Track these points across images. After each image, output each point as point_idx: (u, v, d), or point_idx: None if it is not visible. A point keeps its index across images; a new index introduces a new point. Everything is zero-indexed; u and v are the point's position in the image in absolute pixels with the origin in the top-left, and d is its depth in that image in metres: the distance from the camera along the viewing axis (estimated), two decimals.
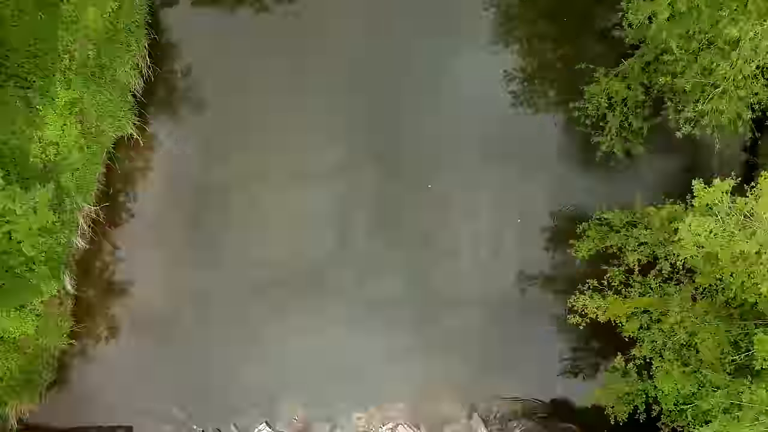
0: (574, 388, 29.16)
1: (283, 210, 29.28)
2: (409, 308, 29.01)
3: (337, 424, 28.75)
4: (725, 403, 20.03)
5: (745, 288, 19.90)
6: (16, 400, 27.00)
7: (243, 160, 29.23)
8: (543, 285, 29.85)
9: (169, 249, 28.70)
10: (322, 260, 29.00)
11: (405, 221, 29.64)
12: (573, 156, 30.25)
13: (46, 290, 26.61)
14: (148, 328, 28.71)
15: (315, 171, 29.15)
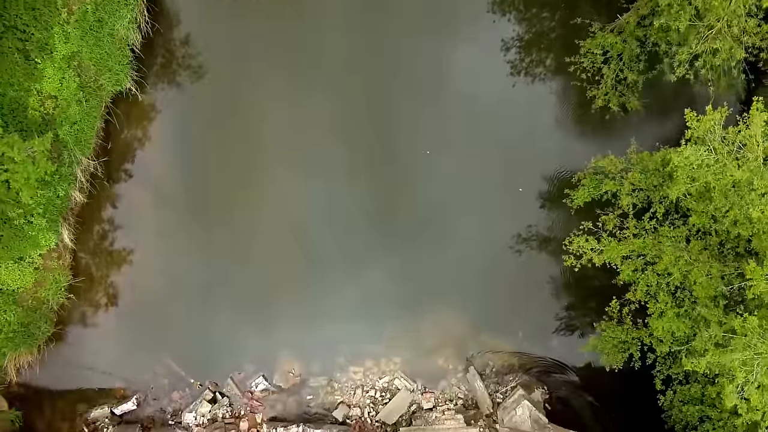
0: (570, 343, 29.12)
1: (283, 169, 29.22)
2: (406, 265, 29.02)
3: (333, 378, 28.74)
4: (718, 336, 20.08)
5: (738, 222, 19.96)
6: (15, 351, 26.97)
7: (243, 117, 29.20)
8: (540, 246, 29.90)
9: (168, 205, 28.75)
10: (321, 216, 29.01)
11: (402, 187, 29.53)
12: (570, 120, 30.23)
13: (44, 243, 26.80)
14: (147, 284, 28.84)
15: (313, 131, 29.17)
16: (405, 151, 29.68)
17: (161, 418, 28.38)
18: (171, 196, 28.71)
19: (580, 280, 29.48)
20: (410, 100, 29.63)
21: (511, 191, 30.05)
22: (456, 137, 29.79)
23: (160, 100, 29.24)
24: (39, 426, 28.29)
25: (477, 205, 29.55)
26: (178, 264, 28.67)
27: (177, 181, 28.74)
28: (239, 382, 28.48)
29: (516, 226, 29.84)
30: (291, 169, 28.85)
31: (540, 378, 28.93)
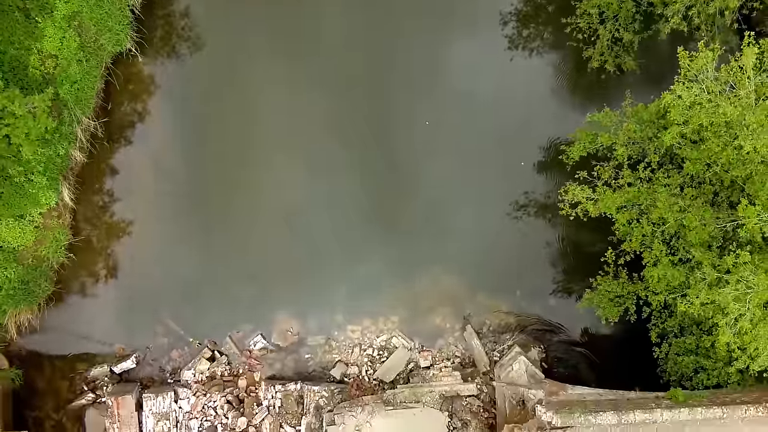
0: (567, 302, 29.32)
1: (283, 135, 29.43)
2: (405, 227, 29.22)
3: (331, 337, 28.92)
4: (711, 277, 20.26)
5: (732, 165, 20.15)
6: (16, 309, 27.17)
7: (241, 86, 29.39)
8: (537, 211, 30.08)
9: (167, 166, 28.97)
10: (320, 178, 29.19)
11: (402, 154, 29.76)
12: (566, 88, 30.45)
13: (44, 201, 27.04)
14: (146, 244, 29.04)
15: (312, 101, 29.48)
16: (405, 123, 29.77)
17: (160, 377, 28.55)
18: (170, 156, 28.98)
19: (577, 244, 29.74)
20: (410, 75, 29.93)
21: (509, 158, 30.18)
22: (454, 109, 29.91)
23: (160, 61, 29.55)
24: (39, 384, 28.53)
25: (475, 172, 29.72)
26: (178, 224, 28.94)
27: (176, 142, 29.04)
28: (238, 340, 28.67)
29: (514, 191, 30.01)
30: (290, 131, 29.07)
31: (537, 337, 29.11)
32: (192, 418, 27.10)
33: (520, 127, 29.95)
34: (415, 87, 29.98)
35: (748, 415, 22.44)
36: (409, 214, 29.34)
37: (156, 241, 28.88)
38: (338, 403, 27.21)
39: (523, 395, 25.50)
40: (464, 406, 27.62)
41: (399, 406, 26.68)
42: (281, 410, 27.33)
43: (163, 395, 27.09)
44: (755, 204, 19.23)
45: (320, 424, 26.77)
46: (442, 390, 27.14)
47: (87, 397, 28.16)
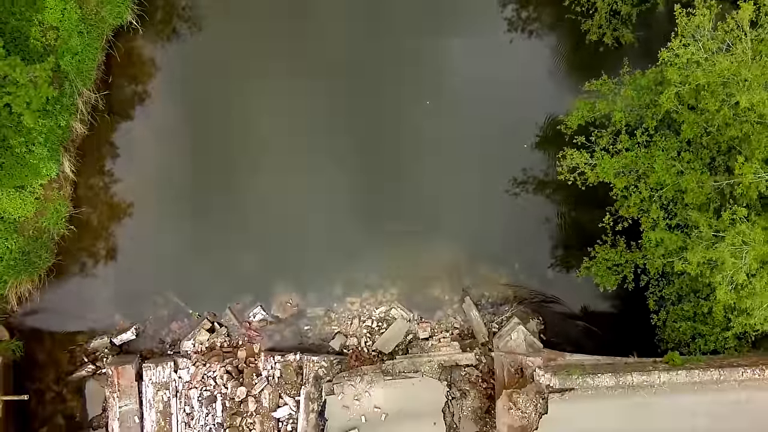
0: (565, 274, 29.43)
1: (286, 110, 29.54)
2: (405, 199, 29.34)
3: (330, 309, 29.02)
4: (709, 236, 20.40)
5: (728, 124, 20.30)
6: (16, 279, 27.28)
7: (244, 55, 29.46)
8: (536, 188, 30.21)
9: (167, 138, 29.11)
10: (321, 149, 29.29)
11: (403, 130, 29.94)
12: (564, 67, 30.63)
13: (45, 172, 27.20)
14: (146, 217, 29.15)
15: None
16: (407, 103, 30.00)
17: (160, 349, 28.64)
18: (170, 128, 29.14)
19: (575, 219, 30.00)
20: (412, 52, 29.89)
21: (509, 136, 30.31)
22: (455, 90, 30.01)
23: (161, 35, 29.66)
24: (39, 356, 28.62)
25: (476, 149, 29.83)
26: (178, 198, 29.04)
27: (177, 115, 29.11)
28: (237, 312, 28.78)
29: (513, 168, 30.13)
30: (291, 106, 29.19)
31: (536, 309, 29.27)
32: (191, 387, 27.20)
33: (520, 105, 30.08)
34: (418, 68, 29.99)
35: (745, 377, 22.57)
36: (410, 189, 29.46)
37: (156, 214, 29.02)
38: (337, 374, 27.31)
39: (522, 363, 25.62)
40: (463, 376, 27.72)
41: (398, 376, 26.79)
42: (280, 381, 27.42)
43: (163, 365, 27.18)
44: (751, 161, 19.34)
45: (319, 394, 26.86)
46: (440, 360, 27.26)
47: (87, 368, 28.23)
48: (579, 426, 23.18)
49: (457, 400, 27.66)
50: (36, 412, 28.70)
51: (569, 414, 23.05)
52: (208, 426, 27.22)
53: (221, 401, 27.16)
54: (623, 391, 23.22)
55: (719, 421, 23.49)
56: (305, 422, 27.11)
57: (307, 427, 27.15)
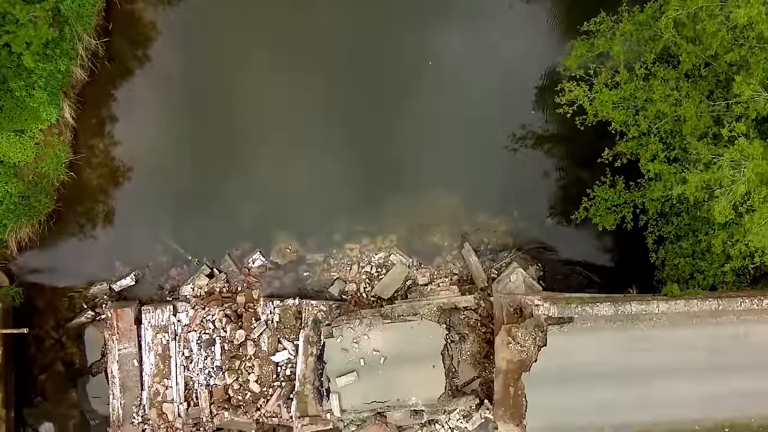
0: (564, 223, 29.48)
1: (288, 61, 29.50)
2: (405, 146, 29.37)
3: (329, 255, 29.05)
4: (707, 158, 20.44)
5: (726, 45, 20.33)
6: (16, 223, 27.32)
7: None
8: (535, 143, 30.24)
9: (167, 85, 29.13)
10: (324, 100, 29.37)
11: (405, 85, 29.97)
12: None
13: (45, 116, 27.30)
14: (146, 164, 29.15)
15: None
16: (410, 63, 29.95)
17: (159, 295, 28.66)
18: (171, 77, 29.10)
19: (574, 173, 29.92)
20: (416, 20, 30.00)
21: (508, 91, 30.35)
22: (456, 49, 30.03)
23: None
24: (39, 303, 28.67)
25: (477, 103, 29.80)
26: (178, 143, 29.03)
27: (177, 62, 29.09)
28: (236, 258, 28.80)
29: (513, 123, 30.13)
30: (294, 58, 29.15)
31: (535, 256, 29.30)
32: (190, 330, 27.20)
33: (520, 62, 30.03)
34: (421, 32, 29.94)
35: (743, 307, 22.55)
36: (411, 139, 29.45)
37: (156, 161, 29.02)
38: (336, 317, 27.31)
39: (521, 302, 25.60)
40: (462, 320, 27.71)
41: (397, 319, 26.78)
42: (279, 325, 27.42)
43: (162, 309, 27.21)
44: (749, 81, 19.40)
45: (318, 338, 26.86)
46: (439, 303, 27.24)
47: (86, 315, 28.28)
48: (578, 359, 23.15)
49: (456, 343, 27.65)
50: (35, 359, 28.72)
51: (568, 347, 23.04)
52: (206, 369, 27.21)
53: (220, 344, 27.15)
54: (622, 323, 23.19)
55: (718, 354, 23.47)
56: (304, 365, 27.10)
57: (305, 370, 27.13)
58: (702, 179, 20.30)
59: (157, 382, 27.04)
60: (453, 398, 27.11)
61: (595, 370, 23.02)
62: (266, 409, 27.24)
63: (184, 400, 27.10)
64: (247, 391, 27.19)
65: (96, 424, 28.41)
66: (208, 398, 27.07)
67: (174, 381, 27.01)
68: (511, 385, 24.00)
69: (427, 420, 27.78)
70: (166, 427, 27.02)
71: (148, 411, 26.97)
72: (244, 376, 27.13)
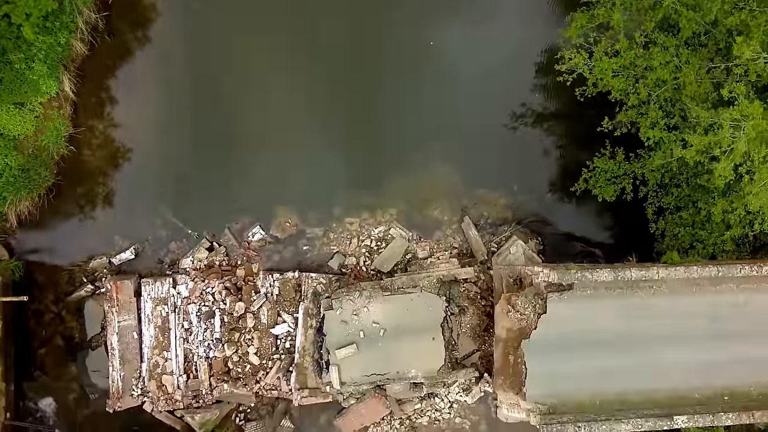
0: (564, 197, 29.50)
1: (291, 33, 29.55)
2: (405, 120, 29.37)
3: (329, 229, 29.05)
4: (707, 122, 20.44)
5: (725, 9, 20.33)
6: (16, 196, 27.31)
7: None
8: (536, 118, 30.24)
9: (167, 60, 29.11)
10: (324, 75, 29.32)
11: (407, 62, 29.93)
12: None
13: (45, 89, 27.30)
14: (146, 138, 29.11)
15: None
16: (411, 42, 29.99)
17: (159, 269, 28.64)
18: (171, 50, 29.08)
19: (573, 150, 29.88)
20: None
21: (509, 67, 30.34)
22: (458, 32, 30.03)
23: None
24: (38, 277, 28.64)
25: (477, 79, 29.86)
26: (178, 117, 28.98)
27: (178, 36, 29.09)
28: (236, 232, 28.80)
29: (512, 102, 30.14)
30: (292, 22, 29.13)
31: (534, 230, 29.30)
32: (190, 303, 27.18)
33: (521, 41, 30.11)
34: (421, 12, 29.99)
35: (743, 273, 22.52)
36: (411, 115, 29.46)
37: (156, 135, 29.00)
38: (336, 290, 27.28)
39: (521, 272, 25.56)
40: (462, 293, 27.71)
41: (397, 291, 26.76)
42: (279, 298, 27.40)
43: (162, 281, 27.19)
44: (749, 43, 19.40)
45: (318, 310, 26.85)
46: (439, 275, 27.21)
47: (86, 288, 28.24)
48: (578, 327, 23.12)
49: (455, 316, 27.64)
50: (35, 333, 28.66)
51: (568, 314, 23.01)
52: (206, 341, 27.19)
53: (220, 316, 27.13)
54: (622, 291, 23.16)
55: (718, 322, 23.46)
56: (303, 338, 27.09)
57: (305, 343, 27.12)
58: (702, 142, 20.28)
59: (156, 354, 27.01)
60: (452, 371, 27.11)
61: (595, 338, 22.98)
62: (265, 382, 27.21)
63: (184, 373, 27.07)
64: (247, 363, 27.16)
65: (96, 397, 28.37)
66: (207, 370, 27.02)
67: (173, 353, 26.98)
68: (510, 354, 23.97)
69: (427, 393, 27.77)
70: (166, 398, 26.99)
71: (148, 383, 26.93)
72: (244, 349, 27.11)
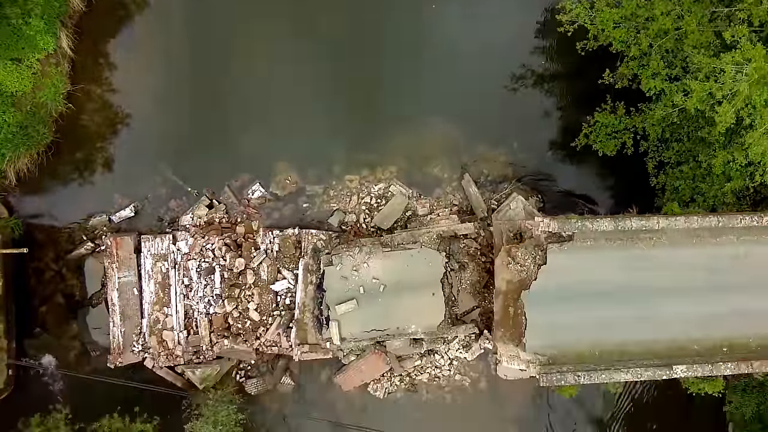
0: (564, 154, 29.42)
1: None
2: (405, 76, 29.17)
3: (329, 186, 29.00)
4: (709, 68, 20.32)
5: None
6: (14, 153, 27.21)
7: None
8: (535, 82, 30.09)
9: (167, 16, 28.86)
10: (322, 34, 29.20)
11: (409, 29, 29.83)
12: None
13: (42, 45, 27.12)
14: (145, 95, 28.94)
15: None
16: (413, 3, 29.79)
17: (158, 226, 28.61)
18: (170, 8, 28.84)
19: (574, 102, 29.74)
20: None
21: (509, 27, 30.11)
22: None
23: None
24: (38, 235, 28.59)
25: (476, 43, 29.65)
26: (177, 74, 28.81)
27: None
28: (236, 190, 28.74)
29: (513, 62, 29.92)
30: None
31: (535, 187, 29.26)
32: (190, 259, 27.17)
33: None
34: None
35: (743, 224, 22.50)
36: (411, 73, 29.32)
37: (155, 92, 28.85)
38: (336, 246, 27.27)
39: (521, 227, 25.55)
40: (462, 249, 27.71)
41: (397, 247, 26.75)
42: (279, 254, 27.40)
43: (161, 237, 27.16)
44: None
45: (318, 266, 26.84)
46: (439, 231, 27.19)
47: (86, 246, 28.21)
48: (578, 277, 23.14)
49: (455, 272, 27.67)
50: (36, 291, 28.69)
51: (568, 265, 23.03)
52: (206, 297, 27.22)
53: (220, 273, 27.14)
54: (622, 242, 23.16)
55: (718, 274, 23.49)
56: (303, 293, 27.12)
57: (305, 299, 27.15)
58: (704, 89, 20.17)
59: (156, 310, 27.06)
60: (452, 326, 27.16)
61: (595, 289, 23.01)
62: (266, 338, 27.28)
63: (184, 329, 27.12)
64: (247, 319, 27.21)
65: (97, 355, 28.39)
66: (207, 326, 27.07)
67: (174, 309, 27.02)
68: (510, 306, 24.03)
69: (427, 349, 27.86)
70: (167, 354, 27.07)
71: (149, 339, 27.00)
72: (244, 305, 27.15)
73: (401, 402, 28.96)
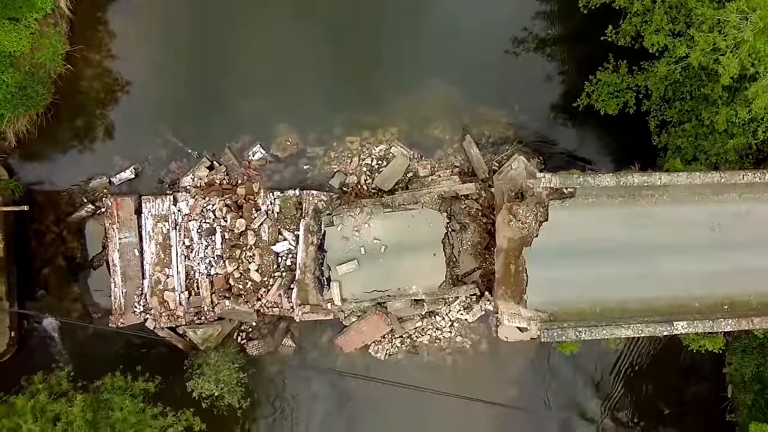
0: (566, 117, 29.29)
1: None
2: (405, 38, 28.97)
3: (330, 148, 28.89)
4: (713, 19, 20.13)
5: None
6: (13, 113, 27.07)
7: None
8: (537, 46, 29.85)
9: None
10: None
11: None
12: None
13: (40, 4, 26.87)
14: (144, 56, 28.75)
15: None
16: None
17: (159, 188, 28.53)
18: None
19: (576, 64, 29.58)
20: None
21: None
22: None
23: None
24: (38, 197, 28.54)
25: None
26: (177, 34, 28.63)
27: None
28: (236, 151, 28.64)
29: (514, 26, 29.69)
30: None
31: (536, 149, 29.15)
32: (191, 220, 27.14)
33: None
34: None
35: (746, 180, 22.42)
36: (412, 33, 29.08)
37: (155, 54, 28.66)
38: (337, 207, 27.22)
39: (522, 186, 25.48)
40: (463, 209, 27.67)
41: (398, 208, 26.71)
42: (280, 215, 27.36)
43: (162, 198, 27.11)
44: None
45: (319, 227, 26.80)
46: (440, 191, 27.13)
47: (87, 208, 28.17)
48: (579, 235, 23.09)
49: (456, 233, 27.64)
50: (37, 253, 28.70)
51: (569, 222, 22.96)
52: (207, 258, 27.22)
53: (220, 233, 27.12)
54: (623, 200, 23.09)
55: (720, 231, 23.41)
56: (304, 254, 27.11)
57: (306, 259, 27.15)
58: (707, 40, 20.00)
59: (158, 270, 27.07)
60: (453, 287, 27.18)
61: (597, 246, 22.97)
62: (267, 299, 27.32)
63: (185, 289, 27.15)
64: (248, 280, 27.23)
65: (98, 317, 28.45)
66: (209, 287, 27.10)
67: (175, 270, 27.03)
68: (512, 263, 24.01)
69: (428, 311, 27.90)
70: (168, 315, 27.12)
71: (150, 299, 27.04)
72: (245, 266, 27.15)
73: (402, 363, 29.07)
